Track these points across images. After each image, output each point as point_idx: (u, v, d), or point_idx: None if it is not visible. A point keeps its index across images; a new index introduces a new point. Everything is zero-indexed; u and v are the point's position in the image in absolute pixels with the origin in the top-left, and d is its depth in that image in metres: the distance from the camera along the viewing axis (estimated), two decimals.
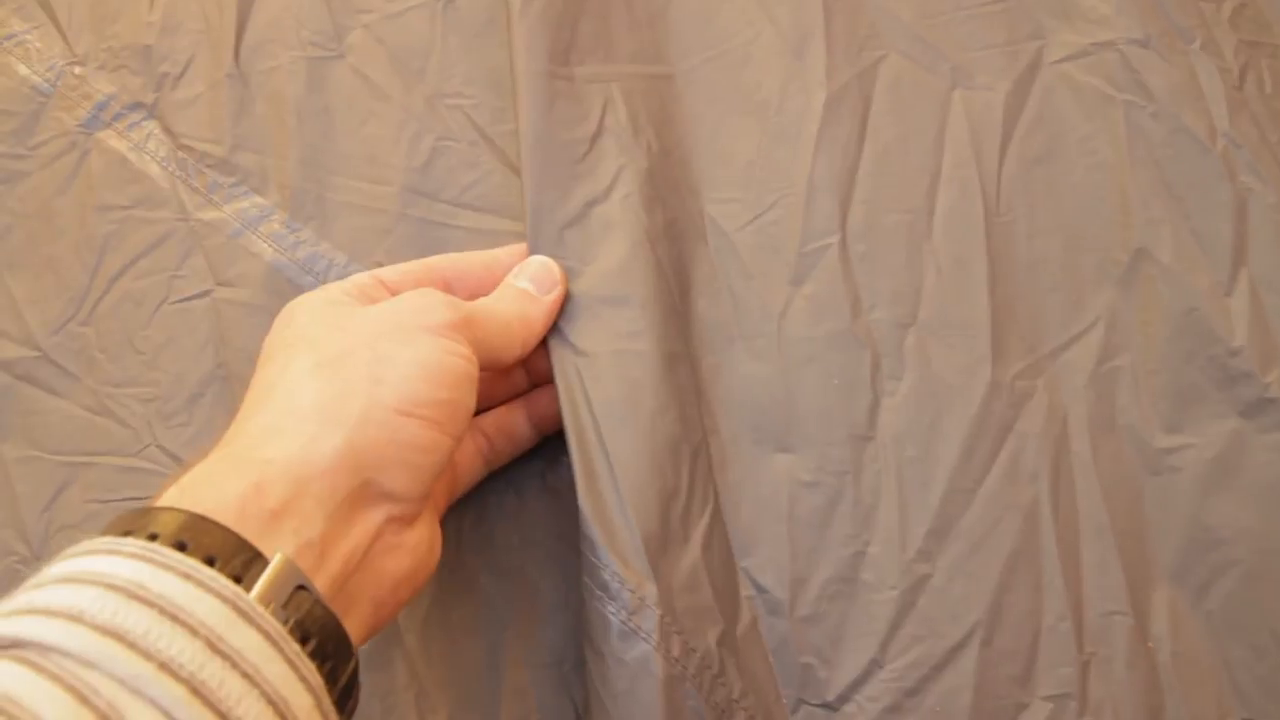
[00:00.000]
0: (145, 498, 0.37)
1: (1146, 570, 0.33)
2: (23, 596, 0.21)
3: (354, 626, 0.26)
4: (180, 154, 0.43)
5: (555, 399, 0.34)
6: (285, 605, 0.23)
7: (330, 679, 0.24)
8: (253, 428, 0.27)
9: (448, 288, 0.34)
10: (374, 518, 0.27)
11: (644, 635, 0.29)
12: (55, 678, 0.19)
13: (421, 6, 0.44)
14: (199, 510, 0.23)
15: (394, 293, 0.32)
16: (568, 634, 0.34)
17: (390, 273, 0.33)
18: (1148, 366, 0.35)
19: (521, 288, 0.33)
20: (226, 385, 0.39)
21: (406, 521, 0.28)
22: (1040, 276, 0.37)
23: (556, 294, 0.34)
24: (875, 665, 0.32)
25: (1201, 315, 0.35)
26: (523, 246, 0.36)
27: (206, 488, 0.24)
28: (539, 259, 0.34)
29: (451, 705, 0.34)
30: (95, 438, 0.39)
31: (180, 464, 0.38)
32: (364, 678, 0.34)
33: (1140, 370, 0.35)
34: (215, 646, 0.21)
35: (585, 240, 0.35)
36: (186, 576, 0.21)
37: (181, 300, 0.40)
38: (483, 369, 0.32)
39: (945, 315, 0.36)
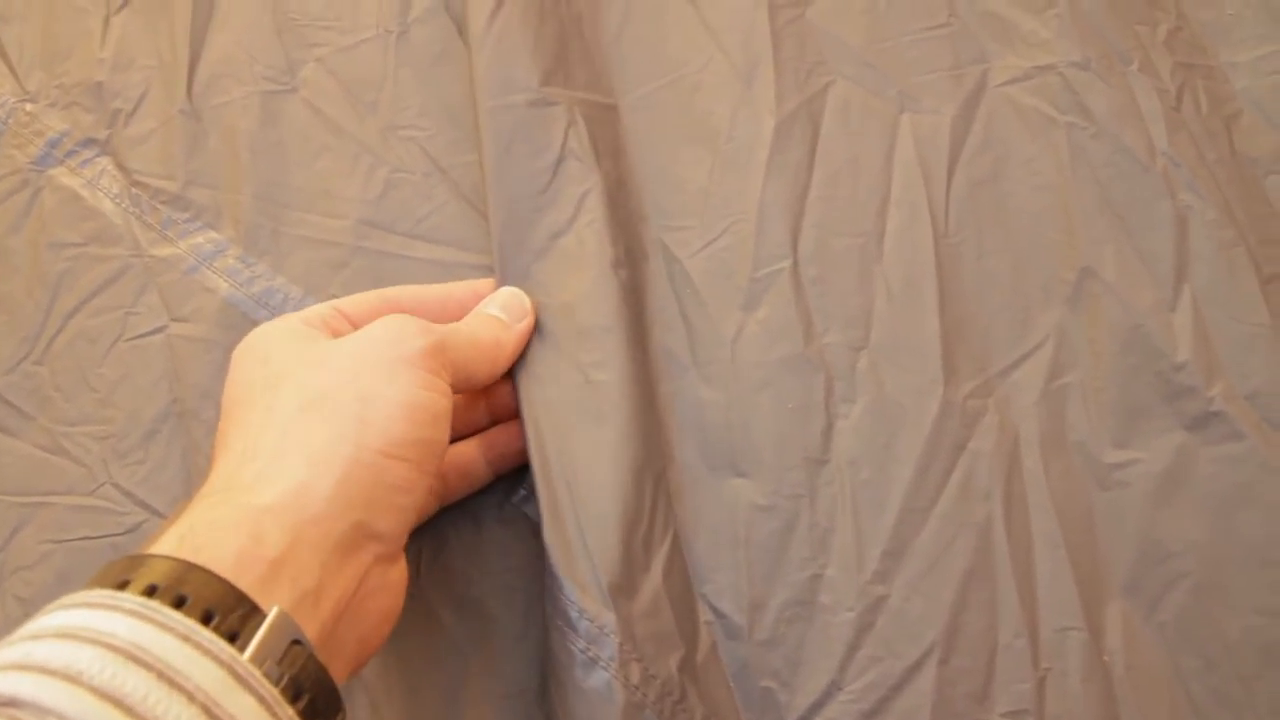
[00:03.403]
0: (100, 537, 0.37)
1: (1099, 585, 0.34)
2: (18, 649, 0.21)
3: (339, 669, 0.27)
4: (134, 190, 0.42)
5: (513, 438, 0.34)
6: (280, 661, 0.23)
7: None
8: (246, 475, 0.27)
9: None
10: (363, 560, 0.27)
11: (603, 663, 0.30)
12: None
13: (374, 39, 0.44)
14: (198, 560, 0.23)
15: (354, 323, 0.32)
16: (528, 665, 0.34)
17: (348, 303, 0.33)
18: (1096, 383, 0.36)
19: (494, 314, 0.34)
20: (181, 422, 0.38)
21: (391, 560, 0.29)
22: (989, 297, 0.37)
23: (526, 323, 0.34)
24: (834, 687, 0.33)
25: (1146, 331, 0.36)
26: (477, 283, 0.36)
27: (205, 536, 0.24)
28: (509, 289, 0.35)
29: None
30: (50, 477, 0.39)
31: (135, 501, 0.38)
32: None
33: (1089, 387, 0.36)
34: (212, 713, 0.21)
35: (550, 273, 0.35)
36: (185, 639, 0.22)
37: (136, 337, 0.40)
38: (456, 391, 0.32)
39: (897, 337, 0.36)
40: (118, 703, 0.20)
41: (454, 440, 0.36)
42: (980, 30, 0.41)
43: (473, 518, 0.36)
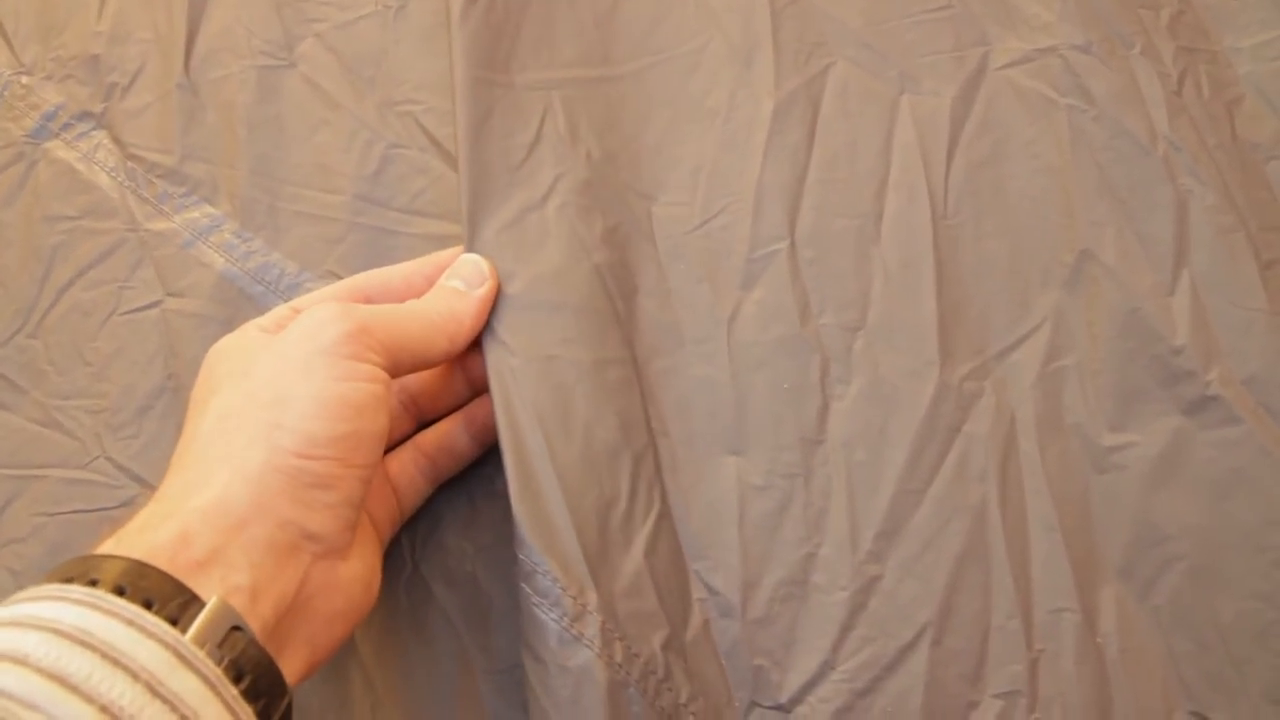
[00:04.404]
0: (93, 510, 0.37)
1: (1094, 567, 0.34)
2: None
3: (291, 666, 0.27)
4: (129, 164, 0.42)
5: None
6: (221, 645, 0.24)
7: (264, 716, 0.24)
8: (178, 483, 0.27)
9: (368, 303, 0.33)
10: (300, 560, 0.27)
11: (586, 642, 0.29)
12: None
13: (373, 15, 0.44)
14: (135, 556, 0.24)
15: None
16: (519, 640, 0.34)
17: (307, 301, 0.33)
18: (1093, 366, 0.36)
19: (451, 286, 0.33)
20: (176, 397, 0.38)
21: (338, 557, 0.29)
22: (987, 279, 0.37)
23: (487, 288, 0.33)
24: (827, 666, 0.33)
25: (1144, 315, 0.36)
26: (441, 255, 0.36)
27: (139, 537, 0.25)
28: (469, 257, 0.34)
29: (406, 714, 0.34)
30: (43, 450, 0.38)
31: (129, 475, 0.37)
32: (319, 689, 0.34)
33: (1086, 370, 0.36)
34: (155, 690, 0.21)
35: (521, 244, 0.35)
36: (130, 622, 0.22)
37: (131, 311, 0.40)
38: (412, 370, 0.32)
39: (893, 319, 0.36)
40: (63, 682, 0.21)
41: (437, 418, 0.36)
42: (982, 12, 0.41)
43: (466, 494, 0.36)
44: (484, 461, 0.36)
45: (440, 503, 0.36)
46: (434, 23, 0.43)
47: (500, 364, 0.33)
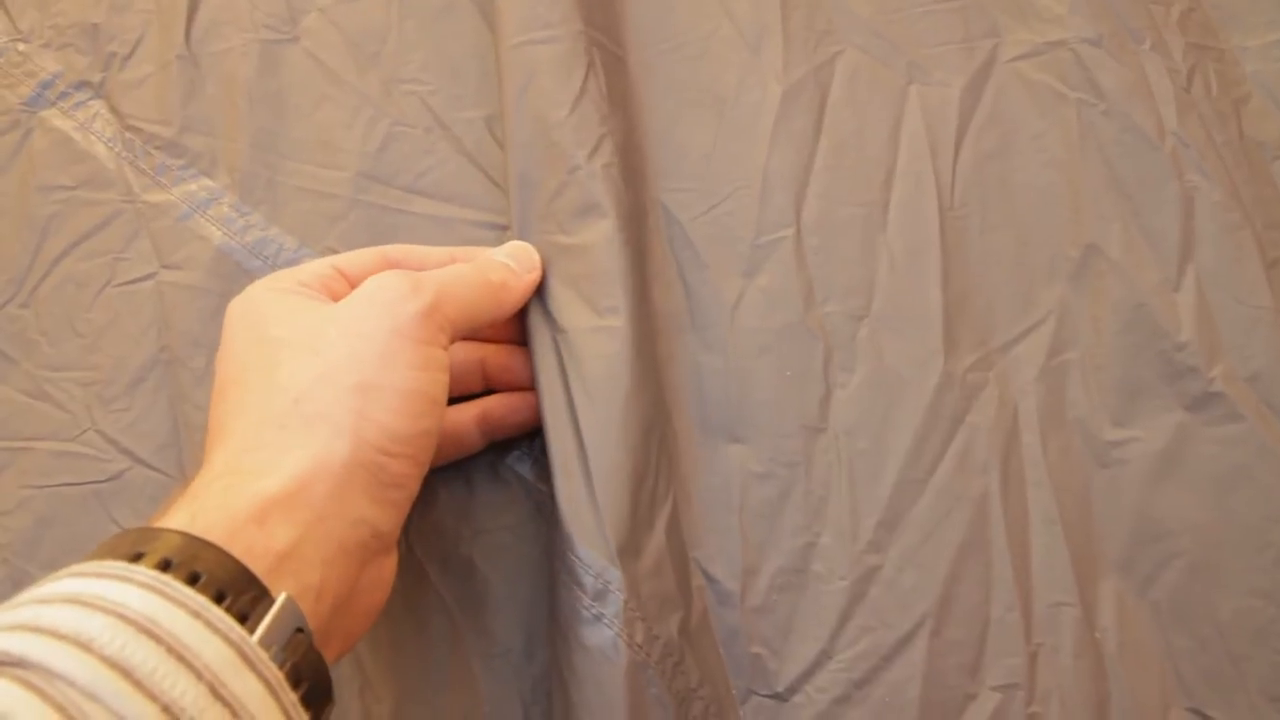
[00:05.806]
0: (81, 483, 0.37)
1: (1094, 561, 0.33)
2: (26, 610, 0.21)
3: (328, 659, 0.26)
4: (127, 135, 0.42)
5: (510, 410, 0.34)
6: (284, 647, 0.23)
7: None
8: (249, 464, 0.26)
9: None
10: (363, 558, 0.27)
11: (607, 621, 0.29)
12: (60, 708, 0.19)
13: None
14: (211, 538, 0.23)
15: (353, 285, 0.31)
16: (515, 624, 0.34)
17: (347, 262, 0.32)
18: (1097, 361, 0.36)
19: (503, 261, 0.33)
20: (168, 370, 0.38)
21: (386, 554, 0.28)
22: (993, 271, 0.37)
23: (534, 275, 0.33)
24: (825, 656, 0.32)
25: (1149, 310, 0.35)
26: (481, 250, 0.34)
27: (215, 517, 0.24)
28: (517, 243, 0.34)
29: (397, 696, 0.33)
30: (32, 422, 0.38)
31: (119, 449, 0.37)
32: None
33: (1090, 364, 0.36)
34: (217, 692, 0.20)
35: (569, 211, 0.34)
36: (196, 615, 0.21)
37: (125, 283, 0.39)
38: (459, 337, 0.31)
39: (898, 308, 0.36)
40: (126, 674, 0.20)
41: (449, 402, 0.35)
42: (992, 4, 0.40)
43: (464, 477, 0.36)
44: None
45: (437, 485, 0.35)
46: (441, 3, 0.42)
47: (543, 338, 0.33)
